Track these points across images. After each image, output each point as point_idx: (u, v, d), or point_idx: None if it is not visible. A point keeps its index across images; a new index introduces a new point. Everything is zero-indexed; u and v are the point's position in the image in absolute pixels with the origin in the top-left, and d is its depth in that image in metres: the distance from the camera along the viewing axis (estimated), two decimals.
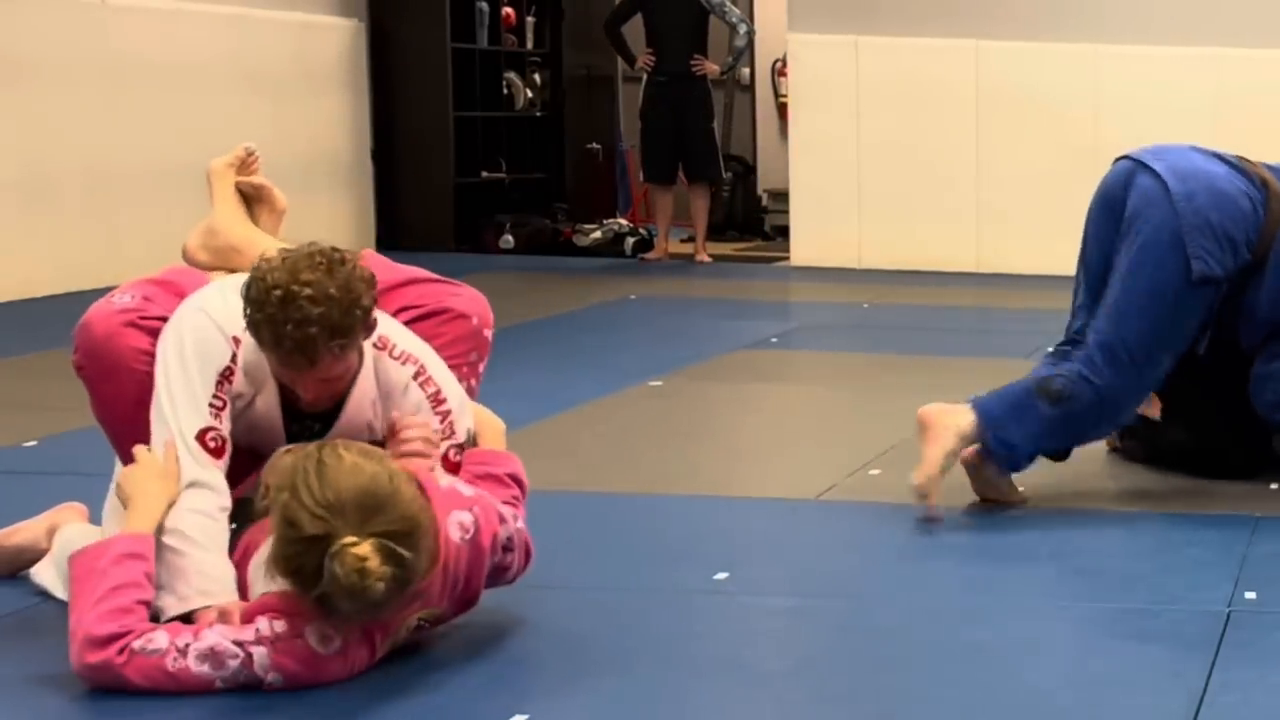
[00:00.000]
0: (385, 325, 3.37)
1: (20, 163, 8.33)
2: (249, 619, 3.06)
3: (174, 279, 3.48)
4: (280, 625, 3.02)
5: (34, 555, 3.67)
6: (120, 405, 3.35)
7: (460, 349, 3.54)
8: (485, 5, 11.95)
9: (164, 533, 3.15)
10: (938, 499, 4.34)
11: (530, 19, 12.67)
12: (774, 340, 7.69)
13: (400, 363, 3.35)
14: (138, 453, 3.21)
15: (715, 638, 3.46)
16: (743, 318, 8.43)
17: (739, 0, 12.64)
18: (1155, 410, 4.88)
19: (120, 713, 2.99)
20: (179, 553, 3.15)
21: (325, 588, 2.92)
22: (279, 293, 3.09)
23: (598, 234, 11.63)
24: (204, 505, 3.18)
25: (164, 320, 3.32)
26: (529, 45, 12.69)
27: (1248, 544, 4.16)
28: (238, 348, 3.23)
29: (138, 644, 3.02)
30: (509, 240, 11.50)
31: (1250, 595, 3.73)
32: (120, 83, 8.90)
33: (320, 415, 3.33)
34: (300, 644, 3.02)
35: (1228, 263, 4.49)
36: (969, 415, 4.43)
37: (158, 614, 3.12)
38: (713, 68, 10.93)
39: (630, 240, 11.58)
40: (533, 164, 12.63)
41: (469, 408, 3.46)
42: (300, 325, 3.11)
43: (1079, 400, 4.44)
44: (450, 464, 3.36)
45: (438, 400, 3.37)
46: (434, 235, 11.04)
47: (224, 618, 3.08)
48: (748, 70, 13.72)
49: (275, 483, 3.00)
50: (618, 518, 4.40)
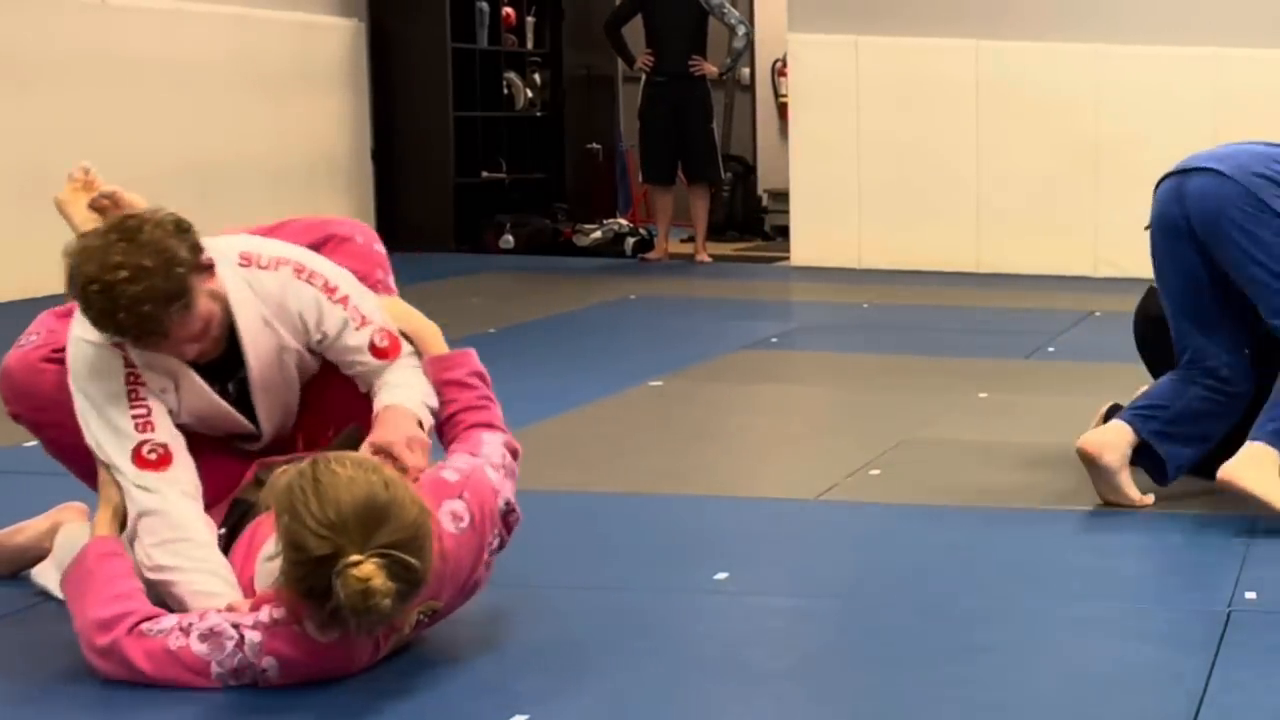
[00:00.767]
0: (242, 242, 3.33)
1: (20, 163, 8.32)
2: (256, 608, 3.07)
3: (63, 313, 3.45)
4: (279, 613, 3.02)
5: (37, 555, 3.68)
6: (64, 436, 3.34)
7: (363, 269, 3.47)
8: (485, 5, 11.95)
9: (145, 571, 3.17)
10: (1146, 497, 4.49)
11: (530, 19, 12.67)
12: (774, 340, 7.69)
13: (273, 270, 3.30)
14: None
15: (715, 638, 3.45)
16: (743, 318, 8.43)
17: (739, 1, 12.65)
18: None
19: (120, 711, 3.00)
20: (170, 583, 3.16)
21: (336, 604, 2.92)
22: (96, 287, 3.06)
23: (598, 234, 11.63)
24: (165, 533, 3.18)
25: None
26: (529, 45, 12.69)
27: (1248, 544, 4.16)
28: (126, 351, 3.21)
29: (145, 625, 3.03)
30: (509, 240, 11.50)
31: (1250, 595, 3.73)
32: (120, 83, 8.90)
33: (228, 364, 3.30)
34: (296, 630, 3.01)
35: None
36: (1127, 433, 4.48)
37: None
38: (711, 69, 10.93)
39: (630, 240, 11.59)
40: (533, 164, 12.64)
41: (367, 292, 3.41)
42: (131, 309, 3.08)
43: None
44: (378, 350, 3.33)
45: (329, 290, 3.32)
46: (434, 235, 11.05)
47: (230, 606, 3.09)
48: (748, 70, 13.72)
49: (275, 506, 2.98)
50: (618, 518, 4.40)
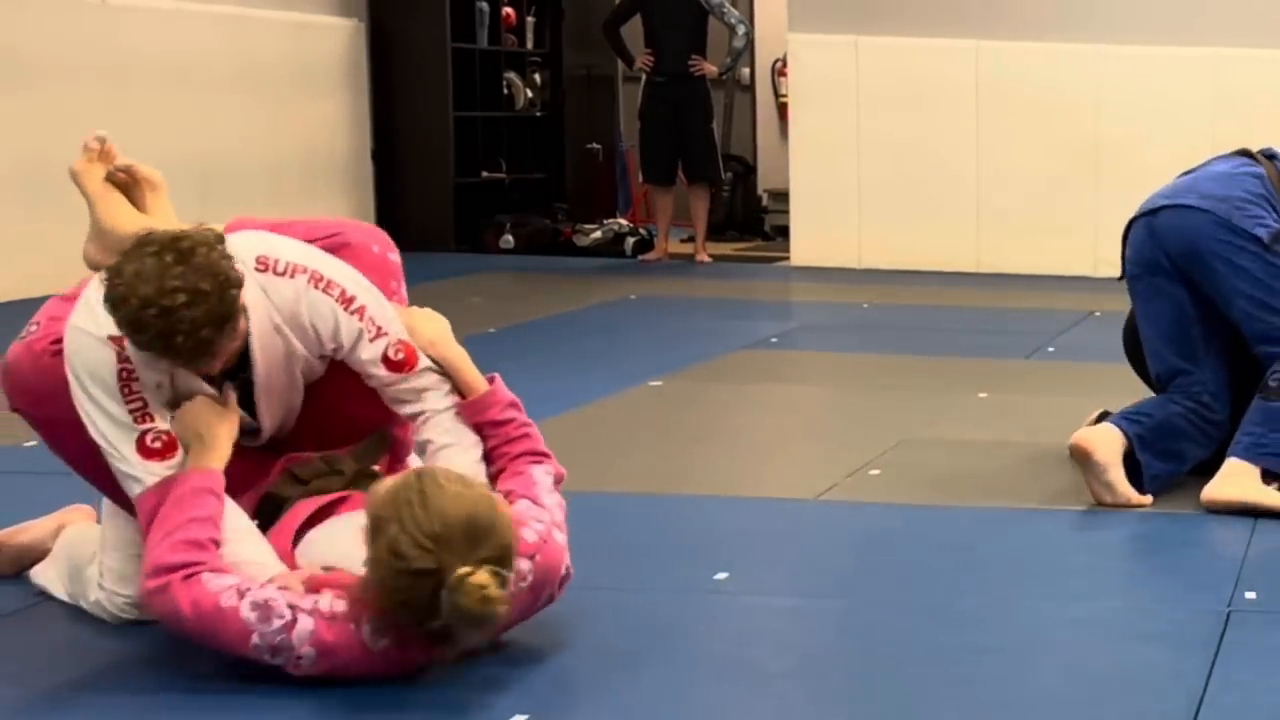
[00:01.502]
0: (259, 243, 3.28)
1: (21, 163, 8.32)
2: (314, 589, 3.06)
3: (64, 300, 3.40)
4: (340, 606, 3.01)
5: (40, 554, 3.67)
6: (66, 433, 3.27)
7: (378, 280, 3.40)
8: (485, 5, 11.96)
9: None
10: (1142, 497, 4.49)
11: (530, 19, 12.68)
12: (774, 340, 7.69)
13: (289, 277, 3.25)
14: (194, 400, 3.18)
15: (715, 638, 3.46)
16: (743, 318, 8.43)
17: (739, 1, 12.65)
18: None
19: (121, 710, 3.00)
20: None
21: (446, 619, 2.93)
22: (153, 311, 3.00)
23: (598, 234, 11.63)
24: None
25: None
26: (529, 45, 12.70)
27: (1248, 544, 4.16)
28: (121, 346, 3.14)
29: (206, 575, 3.01)
30: (509, 240, 11.51)
31: (1250, 595, 3.74)
32: (120, 82, 8.90)
33: (236, 369, 3.27)
34: (352, 630, 3.01)
35: (1273, 215, 4.59)
36: (1117, 434, 4.51)
37: None
38: (711, 69, 10.93)
39: (630, 240, 11.59)
40: (533, 164, 12.64)
41: (385, 302, 3.35)
42: (191, 334, 3.04)
43: None
44: (391, 364, 3.29)
45: (346, 300, 3.27)
46: (434, 235, 11.04)
47: (283, 586, 3.06)
48: (748, 70, 13.73)
49: (379, 514, 2.98)
50: (618, 518, 4.40)
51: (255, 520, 3.26)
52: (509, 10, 12.39)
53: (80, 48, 8.70)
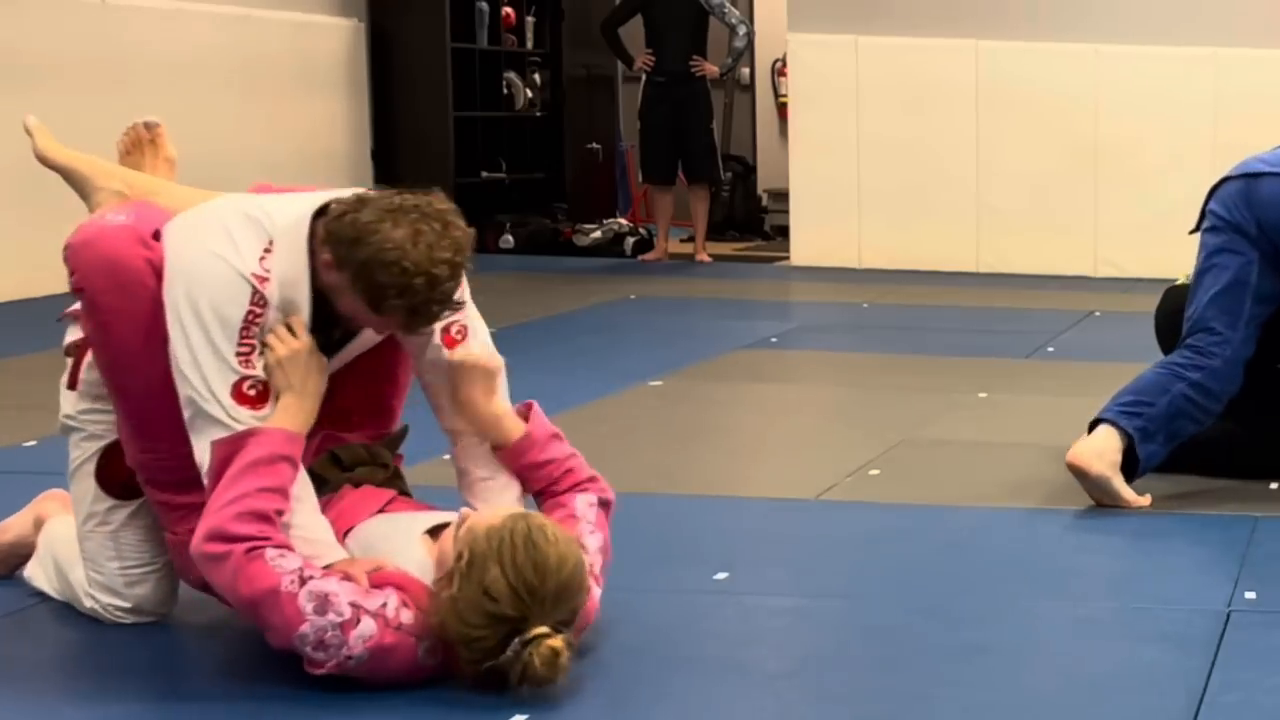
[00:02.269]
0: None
1: (20, 163, 8.29)
2: (379, 584, 3.04)
3: (140, 205, 3.35)
4: (408, 616, 3.00)
5: (26, 551, 3.65)
6: (129, 324, 3.16)
7: None
8: (485, 5, 11.95)
9: None
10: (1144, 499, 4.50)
11: (530, 19, 12.67)
12: (774, 340, 7.69)
13: None
14: (282, 338, 3.12)
15: (715, 638, 3.45)
16: (743, 318, 8.43)
17: (739, 1, 12.65)
18: None
19: (120, 709, 3.00)
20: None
21: (506, 665, 2.94)
22: (422, 280, 3.02)
23: (598, 234, 11.63)
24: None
25: (158, 235, 3.18)
26: (529, 45, 12.69)
27: (1248, 544, 4.16)
28: (262, 285, 3.09)
29: (270, 553, 2.97)
30: (509, 240, 11.51)
31: (1250, 595, 3.74)
32: (120, 82, 8.90)
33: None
34: (412, 644, 3.01)
35: None
36: (1115, 438, 4.50)
37: None
38: (711, 69, 10.93)
39: (630, 240, 11.59)
40: (533, 164, 12.63)
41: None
42: (443, 303, 3.09)
43: None
44: (450, 339, 3.30)
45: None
46: None
47: (346, 575, 3.04)
48: (748, 70, 13.73)
49: (479, 548, 2.97)
50: (618, 518, 4.38)
51: None
52: (509, 10, 12.39)
53: (80, 48, 8.70)
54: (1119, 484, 4.48)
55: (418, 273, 3.02)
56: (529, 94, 12.64)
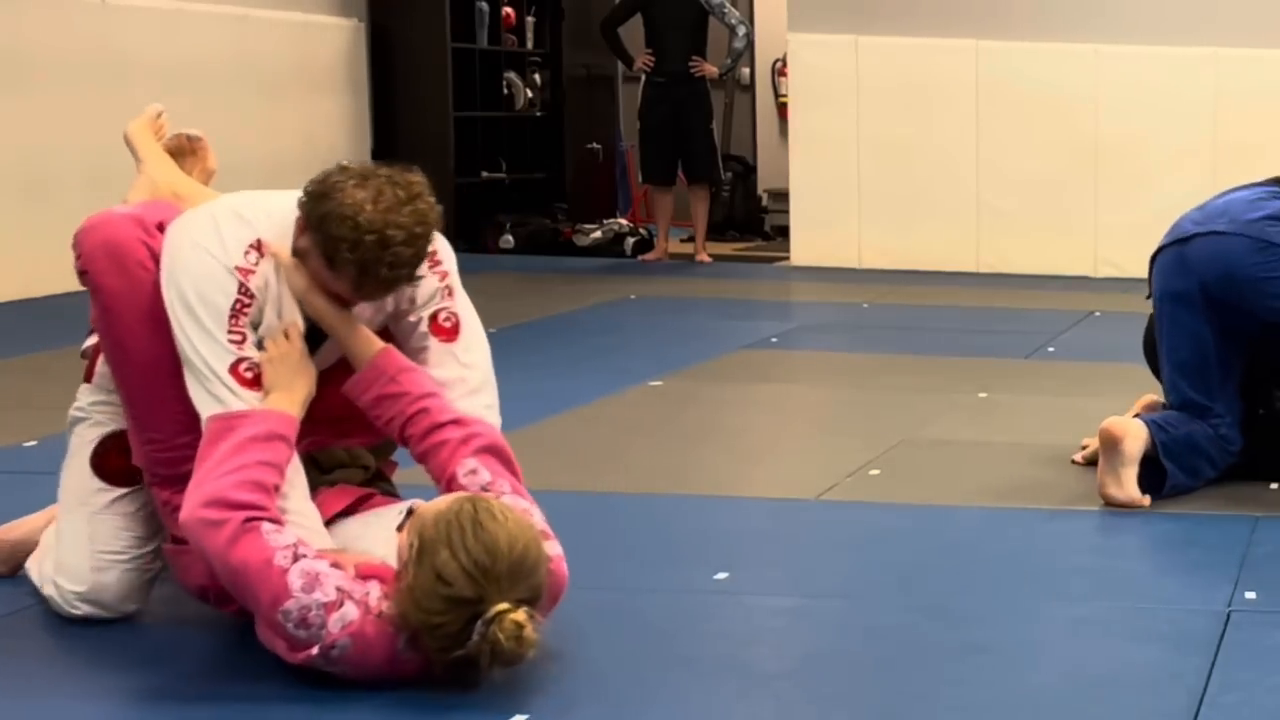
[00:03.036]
0: None
1: (20, 163, 8.32)
2: (365, 575, 3.05)
3: (150, 202, 3.44)
4: (388, 606, 3.00)
5: (33, 549, 3.66)
6: (129, 305, 3.25)
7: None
8: (485, 5, 11.95)
9: None
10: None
11: (530, 19, 12.67)
12: (774, 340, 7.69)
13: None
14: (290, 347, 3.18)
15: (715, 638, 3.45)
16: (743, 318, 8.43)
17: (739, 1, 12.65)
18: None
19: (124, 706, 3.00)
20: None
21: (472, 650, 2.93)
22: (373, 237, 3.07)
23: (598, 234, 11.63)
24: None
25: (162, 227, 3.28)
26: (529, 45, 12.69)
27: (1248, 544, 4.16)
28: (246, 278, 3.18)
29: (267, 526, 2.99)
30: (509, 240, 11.51)
31: (1250, 595, 3.74)
32: (120, 83, 8.90)
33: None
34: (392, 635, 3.00)
35: None
36: (1146, 433, 4.54)
37: None
38: (711, 69, 10.93)
39: (630, 240, 11.59)
40: (533, 164, 12.64)
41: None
42: (394, 267, 3.12)
43: None
44: (440, 328, 3.31)
45: (433, 261, 3.32)
46: None
47: (336, 563, 3.05)
48: (748, 70, 13.73)
49: (428, 534, 2.97)
50: (618, 518, 4.40)
51: None
52: (509, 10, 12.39)
53: (80, 48, 8.70)
54: (1133, 473, 4.49)
55: (370, 230, 3.07)
56: (529, 94, 12.64)
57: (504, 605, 2.93)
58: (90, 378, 3.47)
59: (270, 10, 10.19)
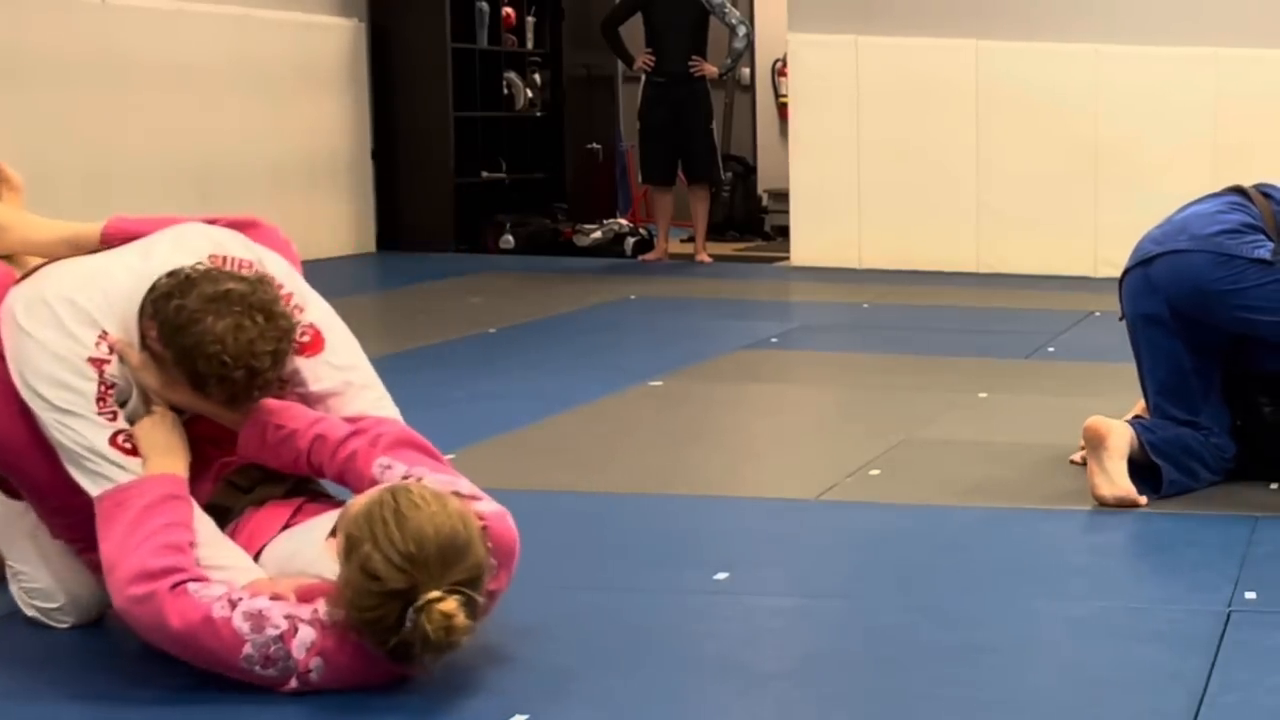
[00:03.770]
0: (210, 242, 3.33)
1: (19, 163, 8.28)
2: (306, 598, 3.04)
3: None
4: (339, 615, 2.98)
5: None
6: None
7: (292, 256, 3.47)
8: (485, 5, 11.95)
9: None
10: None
11: (530, 19, 12.67)
12: (774, 340, 7.69)
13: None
14: (151, 414, 3.19)
15: (715, 638, 3.45)
16: (743, 318, 8.43)
17: (739, 1, 12.64)
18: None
19: (122, 708, 3.00)
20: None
21: (405, 638, 2.91)
22: (241, 372, 3.10)
23: (598, 234, 11.63)
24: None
25: None
26: (529, 45, 12.69)
27: (1248, 544, 4.16)
28: (102, 368, 3.15)
29: (193, 586, 2.98)
30: (509, 240, 11.51)
31: (1250, 595, 3.74)
32: (120, 83, 8.90)
33: None
34: (355, 640, 2.99)
35: (1266, 242, 4.59)
36: (1130, 432, 4.54)
37: None
38: (711, 69, 10.93)
39: (630, 240, 11.59)
40: (533, 164, 12.63)
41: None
42: (264, 389, 3.17)
43: None
44: (301, 346, 3.28)
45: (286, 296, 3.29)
46: (434, 235, 11.04)
47: (275, 595, 3.04)
48: (748, 70, 13.73)
49: (351, 532, 2.96)
50: (617, 518, 4.40)
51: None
52: (509, 10, 12.38)
53: (80, 48, 8.70)
54: (1123, 467, 4.49)
55: (237, 366, 3.10)
56: (529, 94, 12.64)
57: (433, 594, 2.89)
58: None
59: (270, 10, 10.19)
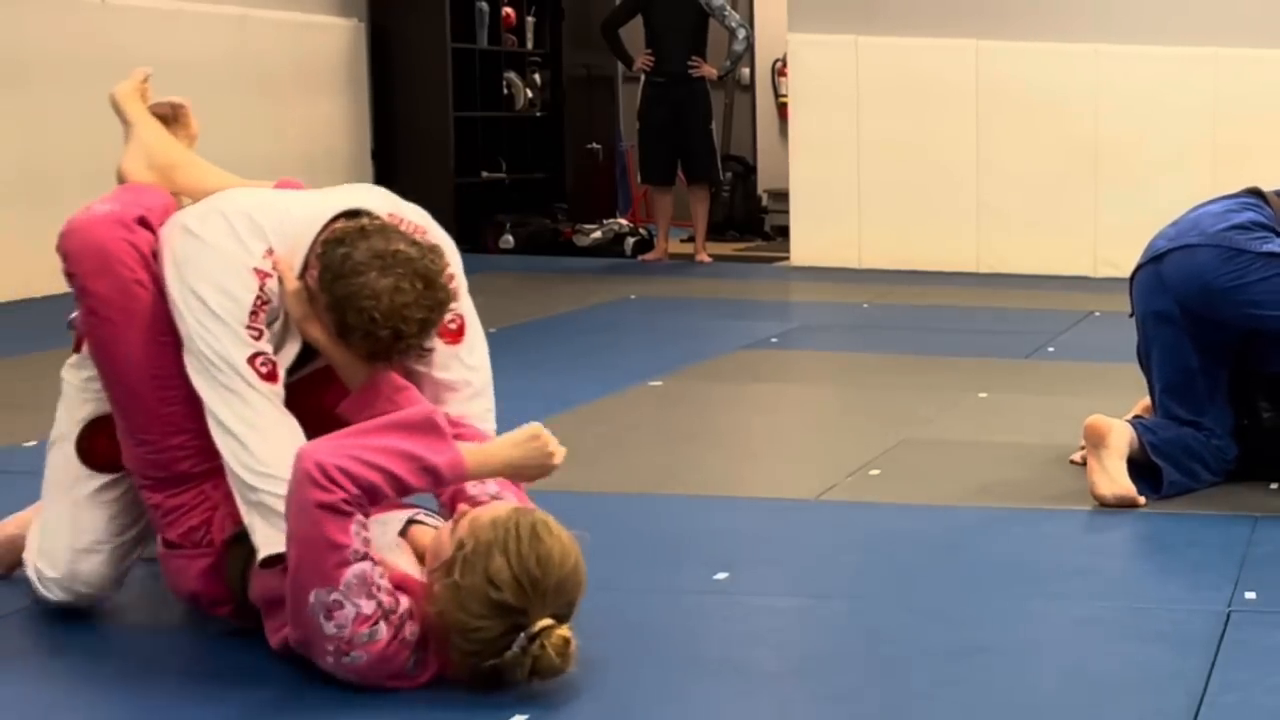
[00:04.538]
0: (391, 204, 3.38)
1: (20, 163, 8.32)
2: (398, 585, 3.03)
3: (130, 189, 3.44)
4: (412, 631, 3.01)
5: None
6: (118, 309, 3.24)
7: None
8: (485, 5, 11.95)
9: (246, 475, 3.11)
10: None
11: (530, 19, 12.67)
12: (774, 340, 7.69)
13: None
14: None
15: (715, 638, 3.46)
16: (743, 318, 8.43)
17: (739, 1, 12.64)
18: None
19: (124, 708, 3.00)
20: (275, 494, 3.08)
21: (508, 660, 2.95)
22: (388, 332, 3.13)
23: (598, 234, 11.63)
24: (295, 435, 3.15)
25: (142, 220, 3.28)
26: (529, 45, 12.69)
27: (1248, 544, 4.16)
28: (264, 280, 3.18)
29: (358, 522, 2.96)
30: (509, 240, 11.51)
31: (1250, 595, 3.74)
32: (120, 83, 8.89)
33: None
34: (406, 656, 3.01)
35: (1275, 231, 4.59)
36: (1131, 432, 4.55)
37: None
38: (710, 70, 10.93)
39: (630, 240, 11.59)
40: (533, 164, 12.63)
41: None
42: (403, 351, 3.21)
43: None
44: (445, 330, 3.34)
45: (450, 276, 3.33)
46: None
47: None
48: (748, 71, 13.73)
49: (483, 540, 2.98)
50: (618, 518, 4.40)
51: None
52: (509, 10, 12.39)
53: (80, 48, 8.70)
54: (1123, 466, 4.50)
55: (385, 325, 3.14)
56: (529, 94, 12.64)
57: (548, 620, 2.96)
58: (79, 348, 3.45)
59: (270, 10, 10.19)
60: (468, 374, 3.40)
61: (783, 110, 13.01)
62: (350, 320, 3.14)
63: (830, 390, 6.61)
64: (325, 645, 2.98)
